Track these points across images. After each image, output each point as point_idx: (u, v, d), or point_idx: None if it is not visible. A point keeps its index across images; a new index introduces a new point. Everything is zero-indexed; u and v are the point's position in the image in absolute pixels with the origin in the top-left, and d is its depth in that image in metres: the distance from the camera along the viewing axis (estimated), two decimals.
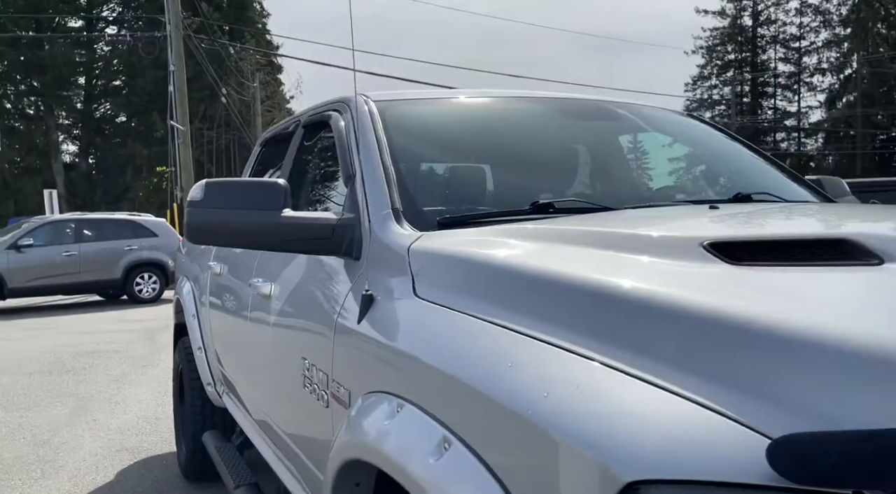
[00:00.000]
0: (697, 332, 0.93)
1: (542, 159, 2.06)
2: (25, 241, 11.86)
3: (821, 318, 0.89)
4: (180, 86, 17.45)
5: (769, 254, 1.14)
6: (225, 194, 1.75)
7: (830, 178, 2.53)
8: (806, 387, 0.81)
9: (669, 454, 0.80)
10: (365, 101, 2.14)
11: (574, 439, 0.87)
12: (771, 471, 0.72)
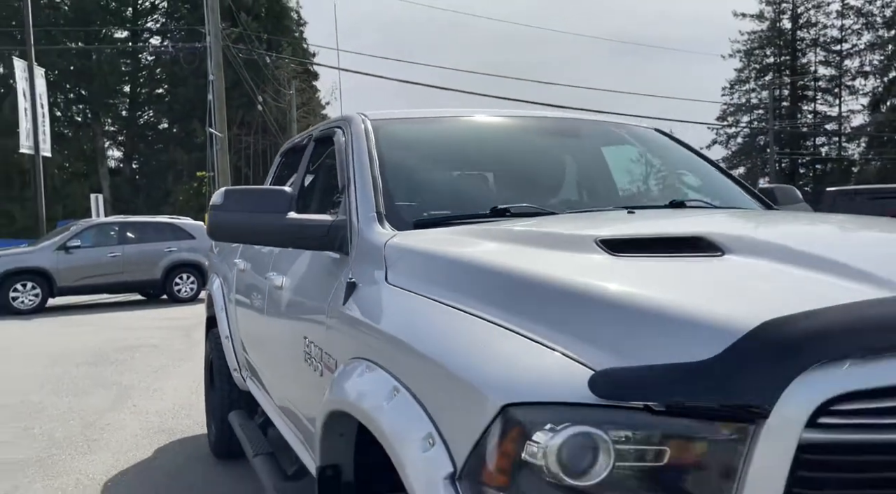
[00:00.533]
0: (567, 301, 1.27)
1: (510, 170, 2.40)
2: (73, 243, 12.57)
3: (645, 291, 1.22)
4: (219, 95, 18.15)
5: (642, 248, 1.46)
6: (241, 199, 2.12)
7: (784, 187, 2.81)
8: (625, 338, 1.14)
9: (532, 386, 1.13)
10: (362, 120, 2.50)
11: (474, 380, 1.22)
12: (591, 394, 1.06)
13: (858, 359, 1.03)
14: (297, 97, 32.41)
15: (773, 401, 1.01)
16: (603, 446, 1.05)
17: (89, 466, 4.12)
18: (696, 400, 1.04)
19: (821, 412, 1.01)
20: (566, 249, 1.52)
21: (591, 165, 2.65)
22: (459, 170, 2.40)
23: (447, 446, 1.25)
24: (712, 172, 2.72)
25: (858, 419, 1.03)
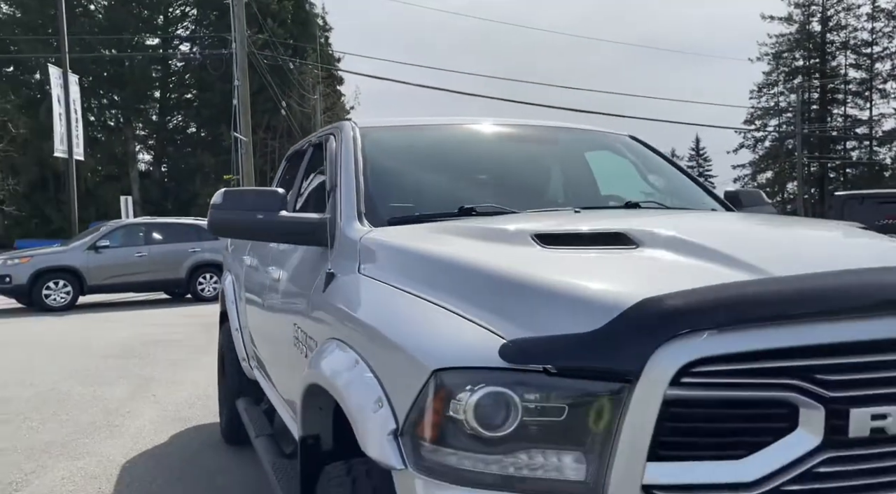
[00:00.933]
0: (494, 285, 1.50)
1: (485, 173, 2.63)
2: (102, 243, 13.05)
3: (556, 276, 1.44)
4: (244, 100, 18.62)
5: (569, 242, 1.68)
6: (238, 199, 2.38)
7: (749, 190, 3.00)
8: (534, 314, 1.37)
9: (456, 354, 1.36)
10: (352, 128, 2.75)
11: (413, 351, 1.45)
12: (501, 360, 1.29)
13: (715, 331, 1.24)
14: (321, 102, 32.95)
15: (642, 364, 1.22)
16: (512, 403, 1.28)
17: (110, 449, 4.42)
18: (582, 364, 1.26)
19: (682, 373, 1.22)
20: (506, 242, 1.75)
21: (562, 169, 2.86)
22: (436, 173, 2.64)
23: (392, 407, 1.48)
24: (679, 177, 2.92)
25: (713, 379, 1.24)
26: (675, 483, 1.25)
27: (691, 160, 71.88)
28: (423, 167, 2.67)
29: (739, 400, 1.26)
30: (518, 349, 1.30)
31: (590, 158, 2.96)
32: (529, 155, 2.82)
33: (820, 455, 1.26)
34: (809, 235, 1.91)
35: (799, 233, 1.95)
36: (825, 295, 1.30)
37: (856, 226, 1.97)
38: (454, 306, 1.52)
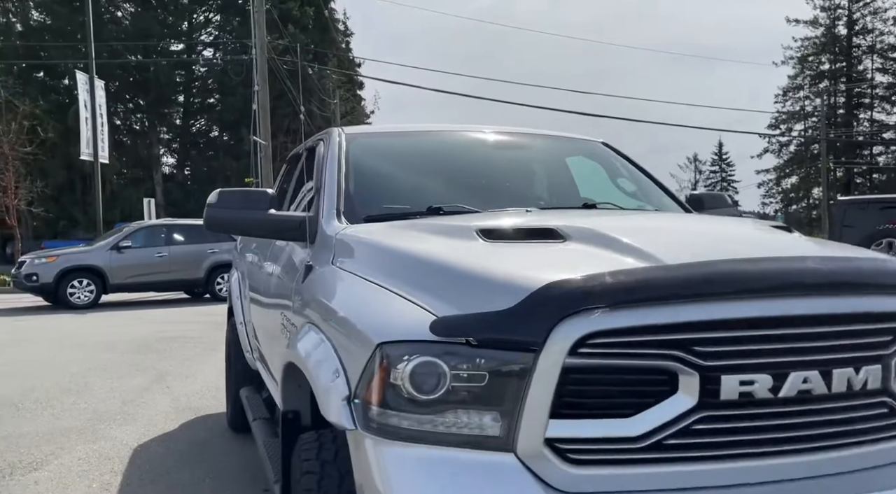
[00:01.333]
0: (436, 272, 1.74)
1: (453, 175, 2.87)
2: (125, 243, 13.51)
3: (487, 264, 1.68)
4: (263, 105, 19.07)
5: (508, 236, 1.92)
6: (230, 198, 2.65)
7: (713, 194, 3.21)
8: (463, 295, 1.61)
9: (397, 330, 1.60)
10: (339, 134, 3.01)
11: (363, 328, 1.70)
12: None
13: (606, 309, 1.47)
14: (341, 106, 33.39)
15: (545, 337, 1.46)
16: (441, 371, 1.52)
17: (124, 434, 4.73)
18: (496, 337, 1.50)
19: (579, 345, 1.45)
20: (454, 237, 1.99)
21: (534, 173, 3.09)
22: (413, 175, 2.89)
23: (346, 377, 1.73)
24: (645, 181, 3.14)
25: (605, 350, 1.47)
26: (573, 437, 1.48)
27: (714, 164, 71.33)
28: (402, 170, 2.92)
29: (628, 367, 1.49)
30: (445, 324, 1.54)
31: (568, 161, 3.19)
32: (503, 159, 3.06)
33: (695, 414, 1.48)
34: (714, 231, 2.13)
35: (708, 229, 2.17)
36: (702, 280, 1.52)
37: (770, 226, 2.18)
38: (402, 290, 1.77)
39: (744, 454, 1.52)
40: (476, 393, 1.51)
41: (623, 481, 1.49)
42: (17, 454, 4.29)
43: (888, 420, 1.63)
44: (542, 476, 1.47)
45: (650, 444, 1.48)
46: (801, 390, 1.53)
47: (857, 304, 1.60)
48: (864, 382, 1.58)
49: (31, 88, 31.39)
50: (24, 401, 5.64)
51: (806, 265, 1.63)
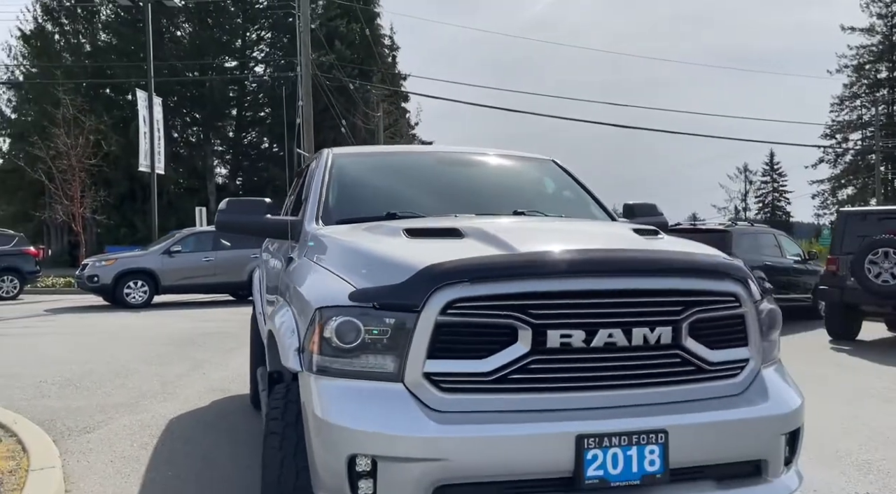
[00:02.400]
0: (364, 259, 2.40)
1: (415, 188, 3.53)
2: (175, 248, 14.60)
3: (398, 253, 2.33)
4: (307, 119, 20.12)
5: (425, 235, 2.56)
6: (236, 206, 3.36)
7: (643, 204, 3.79)
8: (376, 274, 2.26)
9: (329, 298, 2.27)
10: (328, 154, 3.71)
11: (309, 298, 2.36)
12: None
13: (467, 282, 2.10)
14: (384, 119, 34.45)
15: (424, 302, 2.10)
16: (357, 326, 2.17)
17: (162, 409, 5.52)
18: (392, 302, 2.14)
19: (447, 307, 2.09)
20: (387, 235, 2.65)
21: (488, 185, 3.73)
22: (382, 187, 3.56)
23: (298, 334, 2.40)
24: (579, 192, 3.74)
25: (465, 311, 2.10)
26: (443, 372, 2.11)
27: (765, 175, 69.82)
28: (373, 183, 3.61)
29: (481, 324, 2.11)
30: (359, 294, 2.20)
31: (515, 176, 3.83)
32: (458, 175, 3.71)
33: (529, 357, 2.10)
34: (576, 231, 2.77)
35: (574, 229, 2.82)
36: (537, 263, 2.15)
37: (638, 229, 2.76)
38: (340, 272, 2.43)
39: (565, 387, 2.13)
40: (380, 342, 2.16)
41: (477, 404, 2.11)
42: (75, 421, 5.11)
43: (681, 367, 2.22)
44: (422, 399, 2.11)
45: (497, 378, 2.10)
46: (607, 342, 2.13)
47: (654, 283, 2.20)
48: (658, 338, 2.18)
49: (97, 104, 33.40)
50: (83, 382, 6.53)
51: (616, 255, 2.25)
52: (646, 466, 2.11)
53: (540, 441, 2.07)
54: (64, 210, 21.47)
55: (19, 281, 16.70)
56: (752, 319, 2.37)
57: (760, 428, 2.28)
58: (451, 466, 2.04)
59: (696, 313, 2.25)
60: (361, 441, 2.08)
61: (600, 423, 2.10)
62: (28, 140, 26.85)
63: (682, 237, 9.42)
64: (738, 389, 2.34)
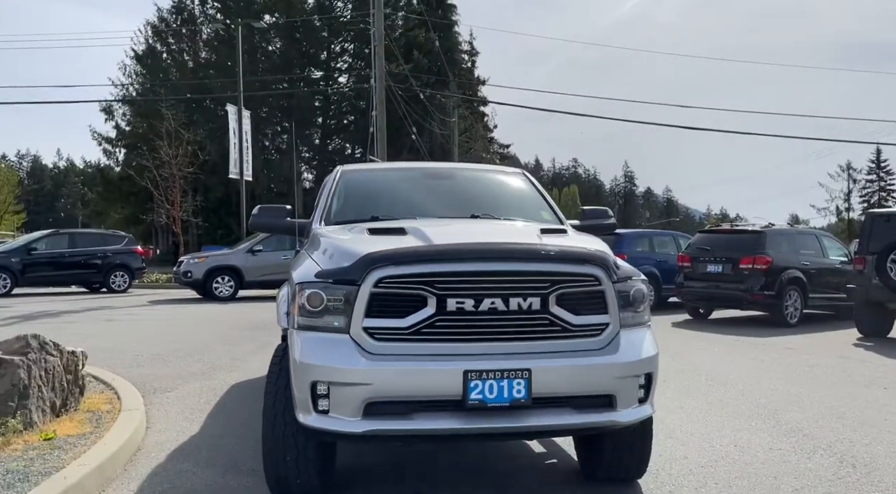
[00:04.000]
0: (334, 249, 3.41)
1: (401, 196, 4.50)
2: (257, 247, 16.20)
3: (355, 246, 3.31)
4: (381, 128, 21.48)
5: (381, 232, 3.52)
6: (265, 211, 4.46)
7: (595, 208, 4.60)
8: (337, 259, 3.27)
9: (305, 276, 3.28)
10: (340, 169, 4.74)
11: (295, 278, 3.39)
12: None
13: (392, 266, 3.05)
14: (458, 124, 35.59)
15: (362, 278, 3.06)
16: (321, 296, 3.16)
17: (229, 377, 6.74)
18: (342, 278, 3.12)
19: (378, 282, 3.05)
20: (355, 233, 3.63)
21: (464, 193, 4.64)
22: (374, 196, 4.56)
23: (287, 302, 3.43)
24: (538, 200, 4.59)
25: (392, 284, 3.04)
26: (375, 326, 3.06)
27: (871, 173, 66.02)
28: (368, 192, 4.61)
29: (402, 294, 3.05)
30: (323, 273, 3.19)
31: (484, 187, 4.74)
32: (435, 186, 4.66)
33: (434, 317, 3.01)
34: (486, 230, 3.63)
35: (485, 229, 3.67)
36: (443, 252, 3.07)
37: (544, 228, 3.61)
38: (317, 258, 3.43)
39: (459, 339, 3.04)
40: (335, 306, 3.13)
41: (398, 349, 3.05)
42: (159, 383, 6.41)
43: (549, 327, 3.07)
44: (361, 345, 3.07)
45: (412, 331, 3.03)
46: (490, 307, 3.02)
47: (527, 266, 3.07)
48: (530, 306, 3.04)
49: (198, 116, 36.34)
50: (169, 356, 7.91)
51: (499, 246, 3.13)
52: (514, 394, 2.98)
53: (438, 374, 2.99)
54: (166, 213, 23.84)
55: (129, 276, 18.90)
56: (611, 294, 3.18)
57: (609, 372, 3.10)
58: (377, 389, 2.99)
59: (561, 288, 3.09)
60: (320, 372, 3.06)
61: (481, 363, 2.99)
62: (138, 150, 29.79)
63: (715, 236, 10.21)
64: (601, 345, 3.16)
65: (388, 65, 29.64)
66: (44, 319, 11.86)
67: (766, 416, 5.24)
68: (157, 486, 3.75)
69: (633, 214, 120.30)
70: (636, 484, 3.73)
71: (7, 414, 4.16)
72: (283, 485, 3.38)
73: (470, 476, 3.95)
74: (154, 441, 4.58)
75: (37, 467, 3.64)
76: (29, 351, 4.43)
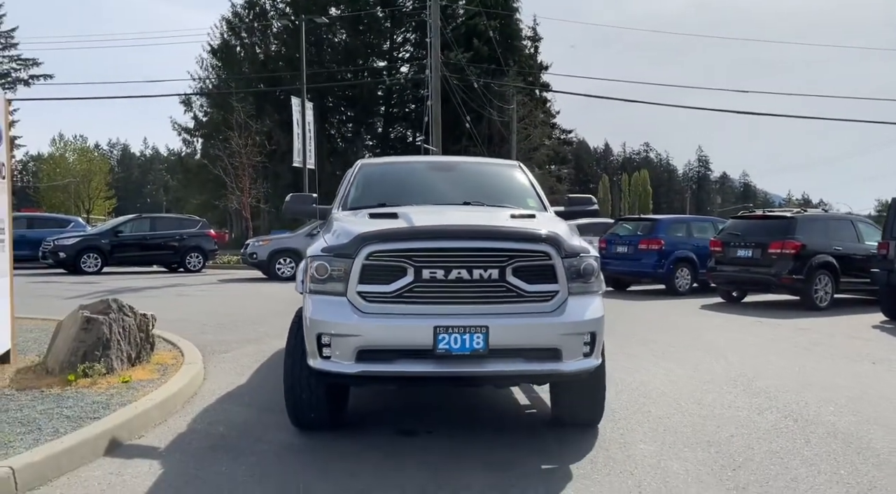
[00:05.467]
0: (341, 230, 4.24)
1: (407, 186, 5.27)
2: (315, 231, 17.21)
3: (349, 226, 4.14)
4: (436, 118, 22.26)
5: (380, 216, 4.31)
6: (295, 198, 5.33)
7: (580, 196, 5.25)
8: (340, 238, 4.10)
9: (315, 251, 4.13)
10: (360, 162, 5.57)
11: (308, 252, 4.25)
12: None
13: (380, 242, 3.85)
14: (518, 111, 35.96)
15: (357, 253, 3.88)
16: (326, 266, 4.00)
17: (277, 343, 7.71)
18: (342, 252, 3.95)
19: (368, 256, 3.85)
20: (359, 216, 4.44)
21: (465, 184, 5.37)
22: (384, 185, 5.34)
23: (304, 273, 4.28)
24: (528, 189, 5.27)
25: (380, 257, 3.83)
26: (366, 291, 3.87)
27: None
28: (379, 182, 5.41)
29: (387, 264, 3.84)
30: (327, 248, 4.02)
31: (480, 177, 5.45)
32: (438, 176, 5.40)
33: (412, 284, 3.79)
34: (465, 216, 4.32)
35: (466, 216, 4.36)
36: (421, 232, 3.83)
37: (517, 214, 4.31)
38: (326, 238, 4.26)
39: (431, 302, 3.80)
40: (337, 274, 3.95)
41: (384, 308, 3.84)
42: (218, 347, 7.45)
43: (506, 293, 3.80)
44: (355, 305, 3.87)
45: (395, 295, 3.82)
46: (457, 277, 3.77)
47: (488, 244, 3.80)
48: (490, 276, 3.77)
49: (268, 106, 38.13)
50: (230, 325, 9.01)
51: (470, 228, 3.86)
52: (474, 345, 3.73)
53: (414, 329, 3.76)
54: (236, 200, 25.46)
55: (202, 257, 20.52)
56: (560, 268, 3.86)
57: (555, 330, 3.80)
58: (366, 339, 3.79)
59: (516, 262, 3.80)
60: (324, 326, 3.89)
61: (448, 320, 3.74)
62: (215, 139, 31.72)
63: (747, 222, 10.72)
64: (550, 308, 3.86)
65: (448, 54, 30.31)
66: (127, 293, 13.32)
67: (741, 383, 5.78)
68: (205, 419, 4.70)
69: (706, 200, 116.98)
70: (597, 428, 4.42)
71: (94, 361, 5.22)
72: (300, 418, 4.27)
73: (462, 422, 4.72)
74: (208, 389, 5.56)
75: (115, 400, 4.65)
76: (110, 311, 5.48)
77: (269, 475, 3.66)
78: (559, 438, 4.24)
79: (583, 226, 16.91)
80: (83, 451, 3.82)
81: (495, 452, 4.00)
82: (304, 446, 4.14)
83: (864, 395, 5.39)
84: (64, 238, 19.42)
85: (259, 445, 4.14)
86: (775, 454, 3.97)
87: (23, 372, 5.47)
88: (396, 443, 4.19)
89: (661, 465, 3.78)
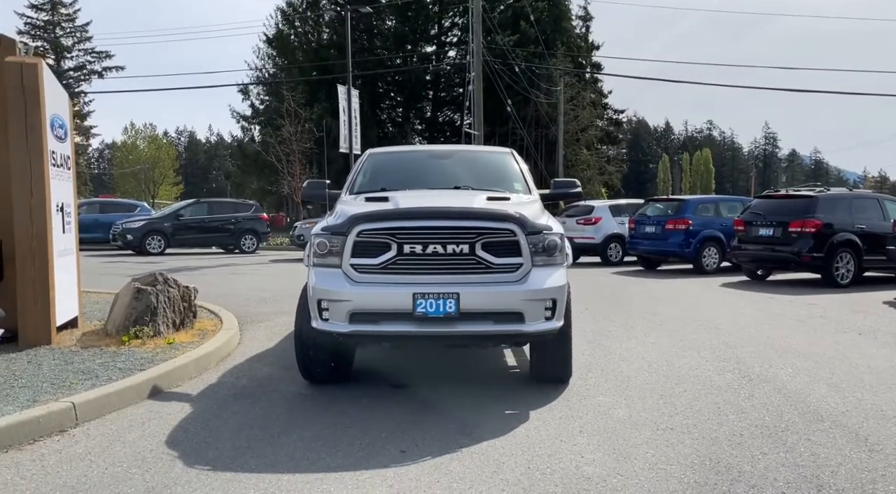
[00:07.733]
0: (341, 212, 4.94)
1: (408, 172, 5.92)
2: None
3: (348, 209, 4.84)
4: (477, 102, 22.73)
5: (374, 200, 4.99)
6: (312, 184, 6.06)
7: (566, 180, 5.80)
8: (339, 218, 4.80)
9: (318, 229, 4.85)
10: (369, 151, 6.26)
11: (314, 231, 4.97)
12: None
13: (369, 222, 4.53)
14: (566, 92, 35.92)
15: (350, 231, 4.57)
16: (325, 243, 4.72)
17: None
18: (338, 230, 4.65)
19: (359, 233, 4.55)
20: (357, 200, 5.14)
21: (460, 169, 5.97)
22: (389, 172, 6.01)
23: (309, 248, 5.01)
24: (517, 174, 5.84)
25: (369, 234, 4.52)
26: (357, 263, 4.56)
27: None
28: (384, 169, 6.07)
29: (375, 241, 4.51)
30: (326, 227, 4.74)
31: (473, 163, 6.04)
32: (435, 164, 6.02)
33: (395, 257, 4.46)
34: (447, 198, 4.92)
35: (448, 198, 4.95)
36: (404, 213, 4.50)
37: (492, 196, 4.90)
38: (328, 218, 4.97)
39: (411, 272, 4.46)
40: (334, 250, 4.66)
41: (372, 278, 4.52)
42: (256, 317, 8.32)
43: (476, 265, 4.42)
44: (348, 275, 4.58)
45: (381, 267, 4.50)
46: (434, 251, 4.42)
47: (460, 223, 4.42)
48: (461, 250, 4.41)
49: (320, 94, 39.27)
50: (271, 299, 9.91)
51: (444, 209, 4.48)
52: (447, 309, 4.37)
53: (396, 295, 4.43)
54: (288, 185, 26.66)
55: (256, 239, 21.76)
56: (524, 243, 4.45)
57: (518, 297, 4.39)
58: (356, 304, 4.49)
59: (484, 238, 4.41)
60: (323, 293, 4.61)
61: (425, 288, 4.39)
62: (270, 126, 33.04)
63: (770, 201, 11.10)
64: (515, 278, 4.46)
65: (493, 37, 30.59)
66: (184, 271, 14.51)
67: (719, 350, 6.23)
68: (233, 374, 5.52)
69: (773, 178, 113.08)
70: (568, 383, 5.01)
71: (144, 325, 6.12)
72: (309, 372, 5.03)
73: (450, 379, 5.39)
74: (240, 352, 6.40)
75: (159, 357, 5.52)
76: (157, 283, 6.36)
77: (277, 414, 4.42)
78: (532, 393, 4.85)
79: (618, 207, 17.19)
80: (130, 394, 4.68)
81: (470, 400, 4.65)
82: (310, 394, 4.89)
83: (831, 361, 5.77)
84: (131, 221, 20.97)
85: (274, 394, 4.91)
86: (715, 404, 4.49)
87: (88, 334, 6.44)
88: (387, 393, 4.89)
89: (609, 412, 4.36)
